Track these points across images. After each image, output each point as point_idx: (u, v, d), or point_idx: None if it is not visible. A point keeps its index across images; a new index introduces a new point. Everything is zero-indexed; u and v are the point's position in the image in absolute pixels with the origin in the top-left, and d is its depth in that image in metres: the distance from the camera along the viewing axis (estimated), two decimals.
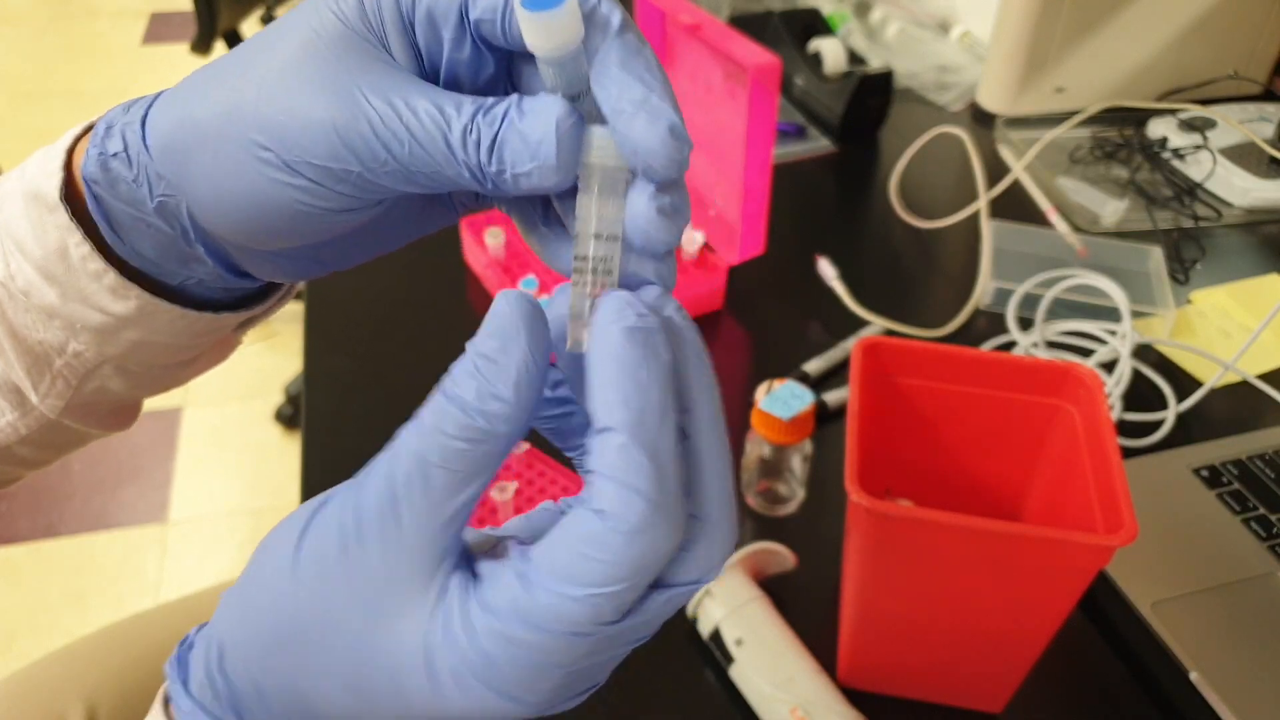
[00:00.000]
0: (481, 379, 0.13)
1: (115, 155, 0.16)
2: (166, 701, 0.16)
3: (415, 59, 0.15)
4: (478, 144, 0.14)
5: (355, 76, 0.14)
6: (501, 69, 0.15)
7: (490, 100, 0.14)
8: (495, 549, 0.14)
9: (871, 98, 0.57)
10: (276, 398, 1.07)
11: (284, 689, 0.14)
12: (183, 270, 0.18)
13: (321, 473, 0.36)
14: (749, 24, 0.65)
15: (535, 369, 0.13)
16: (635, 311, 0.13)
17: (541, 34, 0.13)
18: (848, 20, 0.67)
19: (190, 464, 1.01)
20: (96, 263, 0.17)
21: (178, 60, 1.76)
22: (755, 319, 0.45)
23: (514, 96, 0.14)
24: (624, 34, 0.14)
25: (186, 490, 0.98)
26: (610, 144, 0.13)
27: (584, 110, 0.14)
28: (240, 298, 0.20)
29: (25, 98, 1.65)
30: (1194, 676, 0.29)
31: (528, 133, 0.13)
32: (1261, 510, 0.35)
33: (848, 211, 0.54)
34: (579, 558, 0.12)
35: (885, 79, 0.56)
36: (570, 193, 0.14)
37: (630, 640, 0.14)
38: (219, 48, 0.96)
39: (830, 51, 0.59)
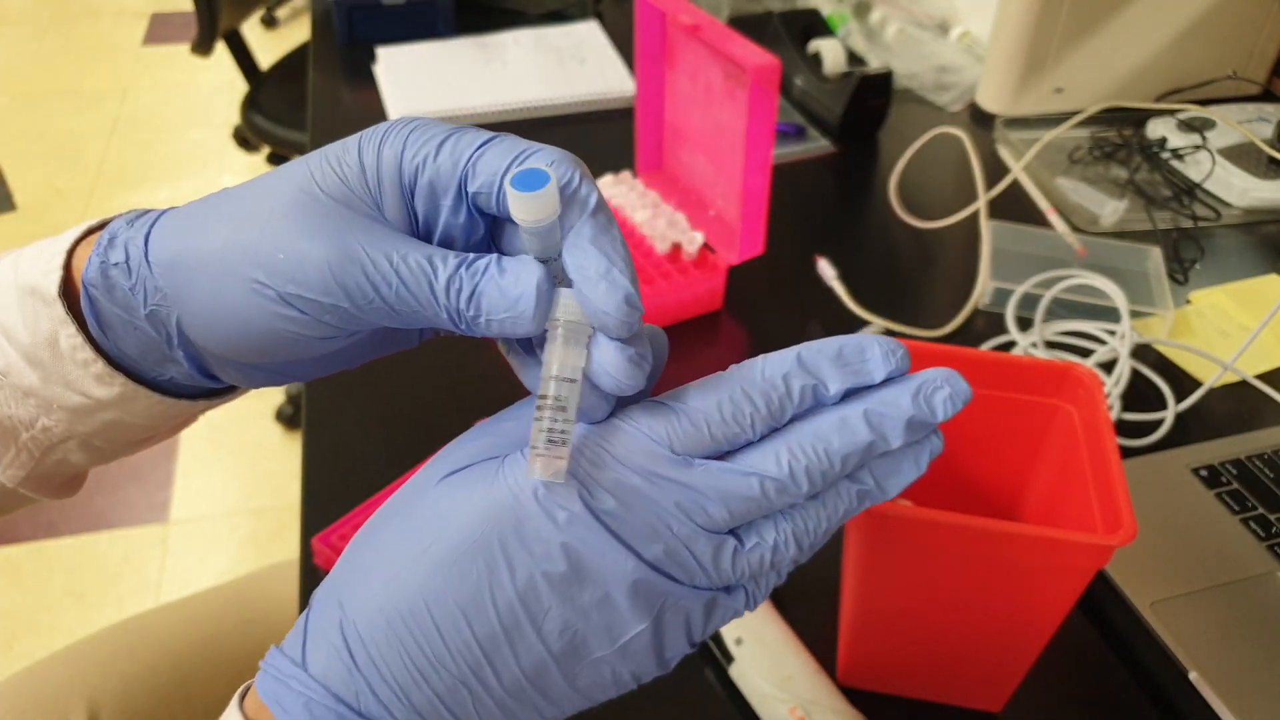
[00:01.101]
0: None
1: (116, 265, 0.18)
2: (242, 697, 0.17)
3: (408, 219, 0.17)
4: (459, 292, 0.16)
5: (351, 227, 0.16)
6: (487, 230, 0.18)
7: (472, 256, 0.16)
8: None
9: (871, 98, 0.57)
10: (277, 397, 1.07)
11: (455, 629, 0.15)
12: (158, 369, 0.20)
13: (322, 472, 0.36)
14: (749, 25, 0.66)
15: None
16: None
17: (525, 209, 0.15)
18: (847, 21, 0.67)
19: (191, 464, 1.01)
20: (86, 353, 0.19)
21: (178, 61, 1.76)
22: (755, 319, 0.45)
23: (493, 256, 0.16)
24: (596, 214, 0.16)
25: (188, 490, 0.98)
26: (574, 304, 0.16)
27: (554, 272, 0.16)
28: (207, 390, 0.22)
29: (26, 98, 1.65)
30: (1193, 676, 0.29)
31: (507, 289, 0.16)
32: (1260, 510, 0.35)
33: (847, 212, 0.54)
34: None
35: (885, 79, 0.57)
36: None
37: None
38: (219, 49, 0.96)
39: (830, 52, 0.59)
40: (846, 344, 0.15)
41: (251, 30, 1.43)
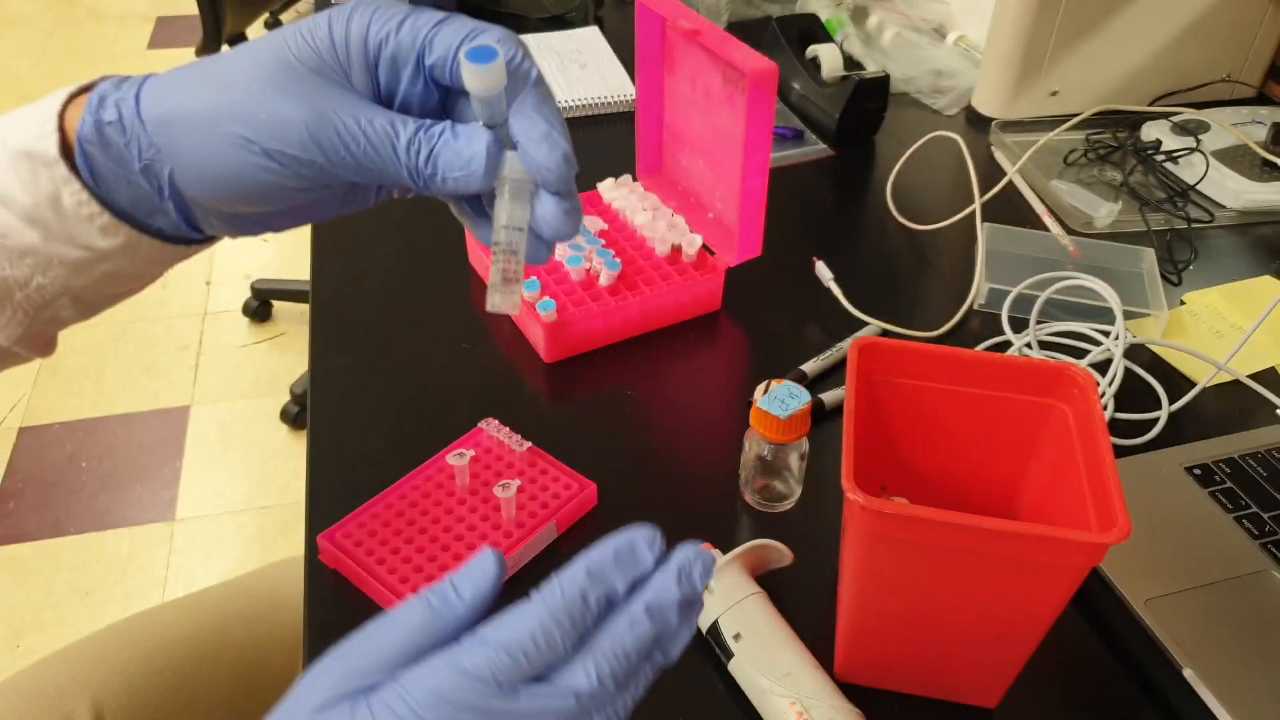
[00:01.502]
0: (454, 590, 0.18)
1: (110, 123, 0.20)
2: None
3: (373, 87, 0.20)
4: (418, 152, 0.19)
5: (325, 92, 0.19)
6: (440, 100, 0.21)
7: (429, 122, 0.19)
8: None
9: (868, 102, 0.57)
10: (282, 397, 1.07)
11: None
12: (147, 219, 0.22)
13: (327, 471, 0.37)
14: (747, 30, 0.66)
15: (490, 596, 0.18)
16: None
17: (477, 79, 0.18)
18: (845, 26, 0.68)
19: (197, 462, 1.02)
20: (91, 207, 0.21)
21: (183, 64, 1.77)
22: (753, 320, 0.46)
23: (447, 122, 0.19)
24: (538, 86, 0.20)
25: (193, 488, 0.99)
26: (519, 165, 0.19)
27: (500, 137, 0.19)
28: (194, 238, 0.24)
29: (31, 100, 1.66)
30: (1187, 673, 0.29)
31: (460, 150, 0.19)
32: (1254, 508, 0.35)
33: (844, 214, 0.54)
34: (504, 622, 0.17)
35: (882, 83, 0.57)
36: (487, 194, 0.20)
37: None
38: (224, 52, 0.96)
39: (827, 57, 0.60)
40: (619, 545, 0.17)
41: (256, 34, 1.43)
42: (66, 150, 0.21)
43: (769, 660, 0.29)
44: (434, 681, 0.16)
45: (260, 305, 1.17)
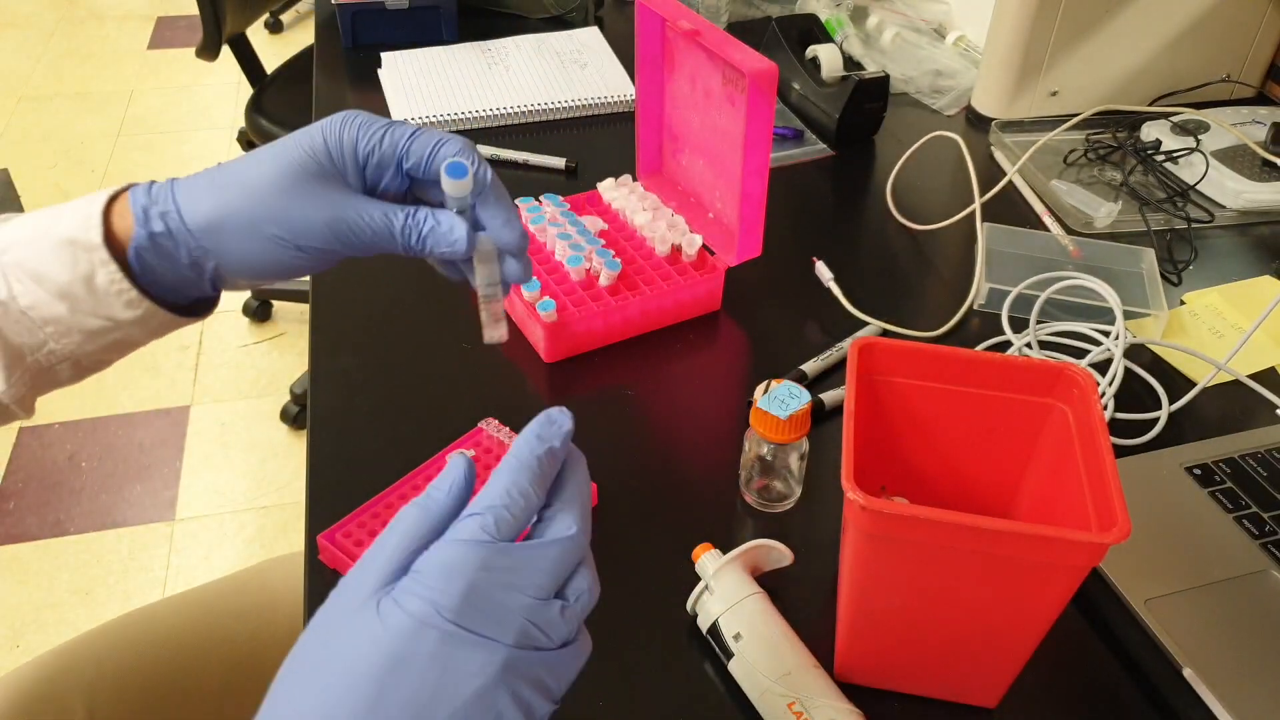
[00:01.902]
0: (431, 499, 0.21)
1: (160, 233, 0.26)
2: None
3: (362, 182, 0.27)
4: (410, 235, 0.27)
5: (333, 195, 0.26)
6: (409, 186, 0.28)
7: (414, 209, 0.27)
8: None
9: (868, 102, 0.57)
10: (283, 397, 1.08)
11: (293, 712, 0.19)
12: (181, 294, 0.28)
13: (327, 471, 0.37)
14: (747, 30, 0.66)
15: (465, 488, 0.21)
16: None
17: (454, 188, 0.26)
18: (844, 26, 0.68)
19: (198, 462, 1.02)
20: (121, 285, 0.26)
21: (184, 64, 1.77)
22: (753, 320, 0.46)
23: (427, 210, 0.27)
24: (493, 183, 0.27)
25: (194, 488, 0.99)
26: (487, 239, 0.28)
27: (467, 219, 0.27)
28: (197, 303, 0.29)
29: (32, 100, 1.66)
30: (1187, 673, 0.29)
31: (445, 234, 0.27)
32: (1254, 508, 0.35)
33: (844, 214, 0.54)
34: (484, 489, 0.20)
35: (881, 84, 0.57)
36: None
37: (517, 578, 0.19)
38: (225, 53, 0.97)
39: (827, 57, 0.60)
40: (548, 416, 0.22)
41: (256, 34, 1.43)
42: (111, 239, 0.26)
43: (769, 660, 0.29)
44: (439, 558, 0.19)
45: (260, 305, 1.17)
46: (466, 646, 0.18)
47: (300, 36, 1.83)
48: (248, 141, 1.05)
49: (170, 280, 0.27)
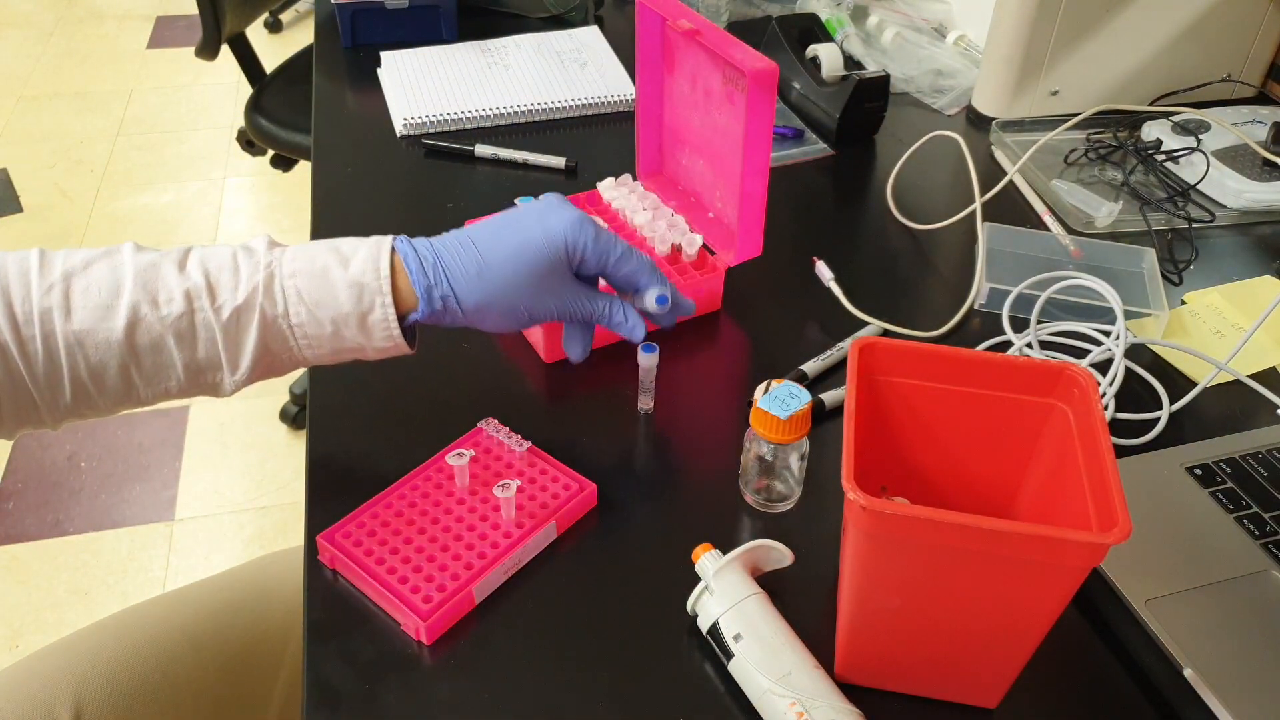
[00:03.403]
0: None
1: (438, 311, 0.33)
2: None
3: (577, 272, 0.36)
4: (605, 319, 0.36)
5: (566, 289, 0.35)
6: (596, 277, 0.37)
7: (610, 301, 0.36)
8: None
9: (868, 102, 0.57)
10: (282, 397, 1.07)
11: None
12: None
13: (326, 471, 0.37)
14: (747, 29, 0.66)
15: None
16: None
17: (646, 363, 0.39)
18: (845, 25, 0.68)
19: (197, 462, 1.02)
20: (392, 326, 0.33)
21: (183, 64, 1.77)
22: (753, 320, 0.46)
23: (620, 304, 0.36)
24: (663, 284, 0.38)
25: (193, 488, 0.99)
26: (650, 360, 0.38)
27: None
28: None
29: (32, 101, 1.66)
30: (1188, 673, 0.29)
31: (629, 328, 0.37)
32: (1254, 508, 0.35)
33: (845, 214, 0.54)
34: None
35: (882, 83, 0.57)
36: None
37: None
38: (224, 52, 0.96)
39: (827, 56, 0.60)
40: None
41: (255, 34, 1.43)
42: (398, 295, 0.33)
43: (769, 661, 0.29)
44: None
45: None
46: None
47: (299, 36, 1.83)
48: (247, 141, 1.05)
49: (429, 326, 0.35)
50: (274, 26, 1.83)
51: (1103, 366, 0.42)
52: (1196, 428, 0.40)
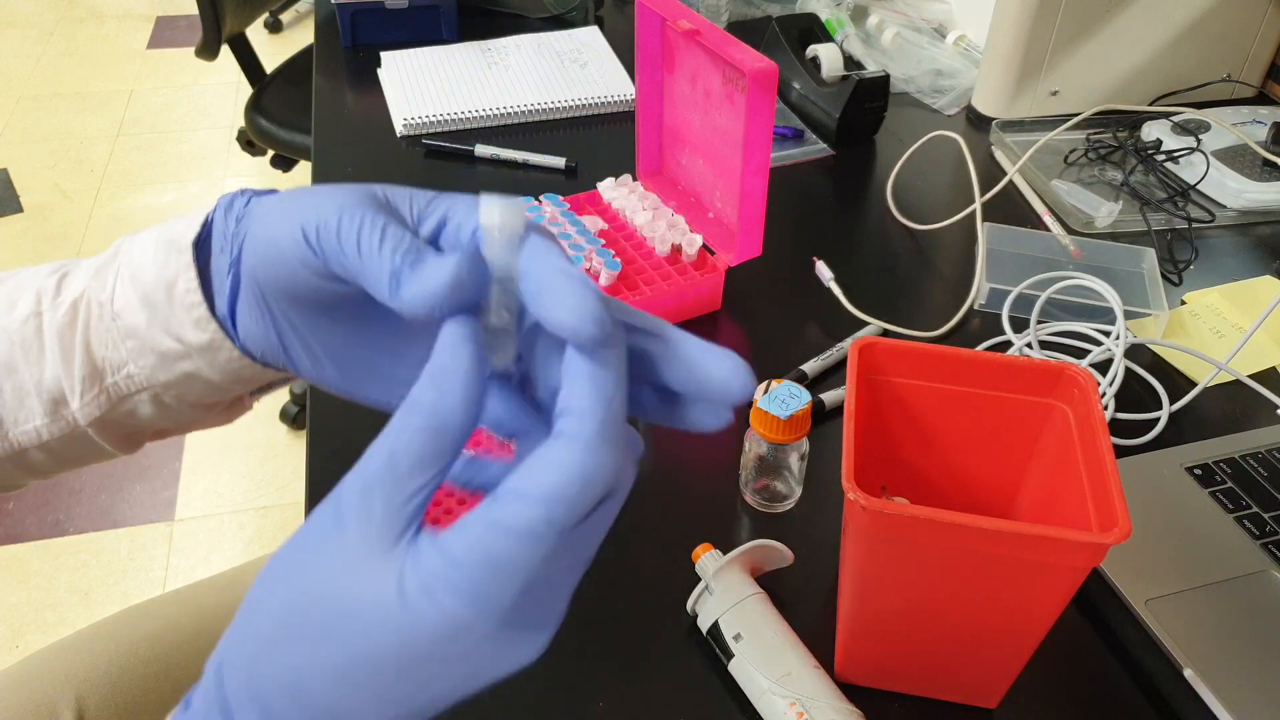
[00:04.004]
0: (433, 384, 0.17)
1: (241, 195, 0.22)
2: None
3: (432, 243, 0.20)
4: (401, 253, 0.18)
5: (378, 209, 0.19)
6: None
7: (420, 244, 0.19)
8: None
9: (868, 102, 0.57)
10: (282, 396, 1.07)
11: (276, 676, 0.17)
12: (221, 312, 0.23)
13: (327, 470, 0.37)
14: (747, 29, 0.66)
15: (474, 378, 0.17)
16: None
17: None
18: (845, 26, 0.67)
19: (197, 462, 1.02)
20: (194, 296, 0.23)
21: (183, 64, 1.77)
22: (753, 320, 0.46)
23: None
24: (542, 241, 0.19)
25: (193, 488, 0.99)
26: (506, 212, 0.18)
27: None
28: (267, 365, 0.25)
29: (32, 101, 1.66)
30: (1188, 673, 0.29)
31: (431, 270, 0.18)
32: (1254, 508, 0.35)
33: (845, 214, 0.54)
34: (540, 468, 0.16)
35: (882, 83, 0.57)
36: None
37: (579, 555, 0.17)
38: (224, 52, 0.96)
39: (827, 56, 0.60)
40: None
41: (256, 34, 1.43)
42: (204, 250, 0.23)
43: (769, 661, 0.29)
44: (486, 550, 0.15)
45: None
46: (513, 642, 0.16)
47: (300, 36, 1.82)
48: (247, 141, 1.05)
49: (212, 272, 0.23)
50: (274, 26, 1.83)
51: (1103, 367, 0.42)
52: (1196, 428, 0.40)
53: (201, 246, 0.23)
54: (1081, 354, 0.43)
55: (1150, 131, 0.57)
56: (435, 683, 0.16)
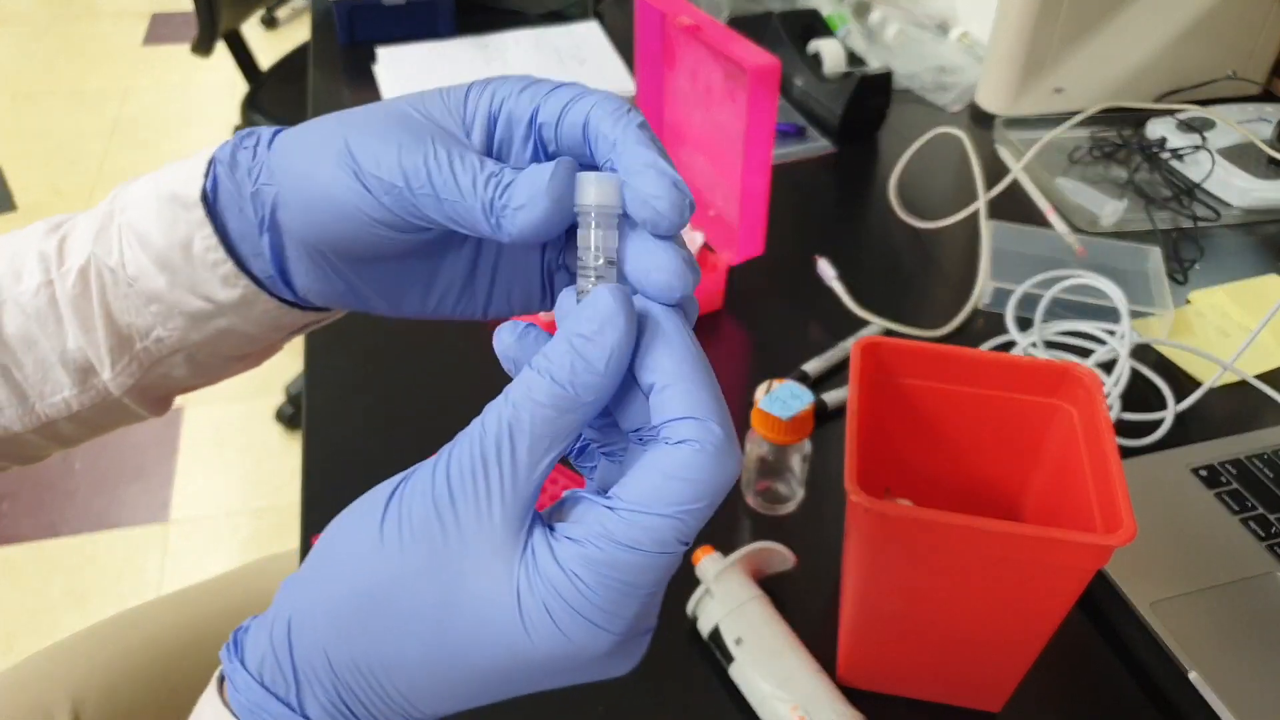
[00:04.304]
0: (576, 355, 0.15)
1: (244, 149, 0.21)
2: (221, 682, 0.17)
3: (488, 146, 0.19)
4: (492, 183, 0.17)
5: (434, 133, 0.18)
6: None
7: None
8: (562, 508, 0.16)
9: (871, 98, 0.57)
10: (278, 397, 1.07)
11: (359, 658, 0.15)
12: (251, 264, 0.22)
13: (322, 472, 0.36)
14: (748, 25, 0.66)
15: (625, 350, 0.15)
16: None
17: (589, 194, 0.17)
18: (847, 21, 0.67)
19: (191, 463, 1.01)
20: (218, 254, 0.21)
21: (179, 61, 1.76)
22: (755, 319, 0.45)
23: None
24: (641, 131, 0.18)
25: (188, 490, 0.98)
26: (608, 186, 0.17)
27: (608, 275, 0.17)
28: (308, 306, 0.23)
29: (26, 98, 1.65)
30: (1193, 676, 0.29)
31: (532, 174, 0.17)
32: (1260, 510, 0.35)
33: (847, 212, 0.54)
34: (668, 480, 0.15)
35: (884, 80, 0.57)
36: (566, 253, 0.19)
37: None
38: (220, 49, 0.96)
39: (829, 52, 0.59)
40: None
41: (251, 30, 1.43)
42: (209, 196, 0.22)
43: (770, 665, 0.28)
44: (610, 575, 0.14)
45: None
46: (622, 653, 0.15)
47: (296, 32, 1.82)
48: None
49: (236, 225, 0.21)
50: (270, 23, 1.82)
51: (1107, 366, 0.41)
52: (1202, 428, 0.39)
53: (208, 197, 0.21)
54: (1086, 353, 0.42)
55: (1155, 129, 0.57)
56: (531, 688, 0.15)
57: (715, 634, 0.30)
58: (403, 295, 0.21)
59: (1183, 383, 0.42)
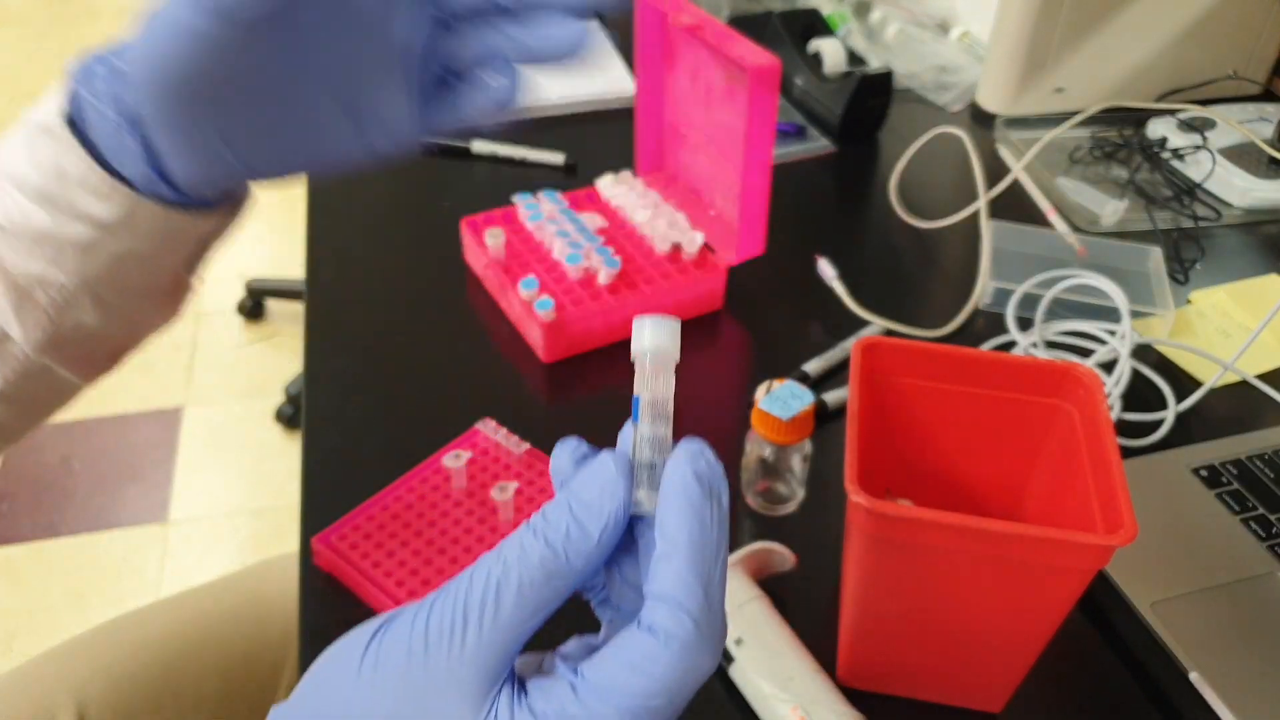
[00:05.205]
0: (573, 519, 0.15)
1: (99, 58, 0.21)
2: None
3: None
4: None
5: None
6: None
7: None
8: (541, 665, 0.16)
9: (871, 98, 0.57)
10: (277, 397, 1.07)
11: None
12: (120, 163, 0.21)
13: (322, 473, 0.36)
14: (749, 24, 0.66)
15: (621, 521, 0.15)
16: (706, 460, 0.16)
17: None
18: (847, 21, 0.67)
19: (191, 464, 1.01)
20: (87, 166, 0.21)
21: None
22: (755, 319, 0.45)
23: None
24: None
25: (187, 490, 0.98)
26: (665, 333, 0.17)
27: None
28: (198, 204, 0.23)
29: (26, 98, 1.65)
30: (1193, 676, 0.29)
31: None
32: (1261, 510, 0.35)
33: (847, 212, 0.54)
34: (628, 670, 0.15)
35: (885, 79, 0.57)
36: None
37: None
38: None
39: (830, 52, 0.59)
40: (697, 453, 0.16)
41: None
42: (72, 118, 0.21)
43: (771, 665, 0.28)
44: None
45: (254, 304, 1.17)
46: None
47: None
48: None
49: (98, 127, 0.20)
50: None
51: (1108, 366, 0.41)
52: (1203, 428, 0.39)
53: (71, 120, 0.21)
54: (1086, 353, 0.42)
55: (1156, 129, 0.57)
56: None
57: None
58: (277, 139, 0.20)
59: (1183, 383, 0.42)
